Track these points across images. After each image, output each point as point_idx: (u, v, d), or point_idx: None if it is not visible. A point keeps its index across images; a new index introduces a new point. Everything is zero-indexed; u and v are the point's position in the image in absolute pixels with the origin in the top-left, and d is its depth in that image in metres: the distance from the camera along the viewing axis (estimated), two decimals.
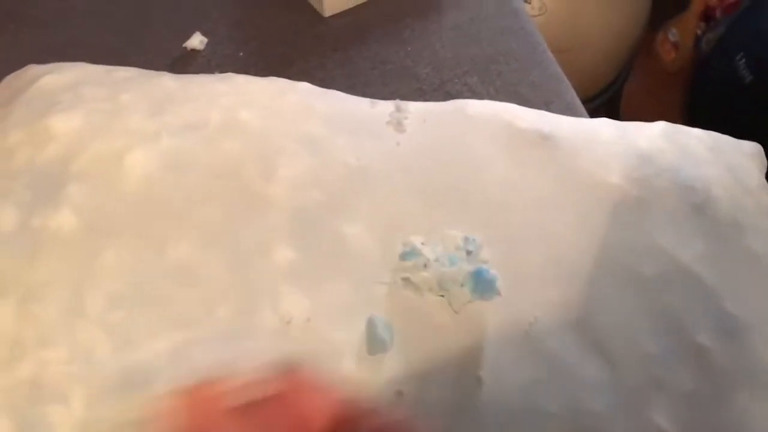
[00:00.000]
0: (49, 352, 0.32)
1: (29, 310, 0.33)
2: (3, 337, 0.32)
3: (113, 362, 0.32)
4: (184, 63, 0.55)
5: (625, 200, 0.39)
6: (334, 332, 0.34)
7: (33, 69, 0.44)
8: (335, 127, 0.42)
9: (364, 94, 0.49)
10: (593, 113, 0.58)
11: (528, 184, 0.40)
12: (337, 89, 0.47)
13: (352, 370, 0.33)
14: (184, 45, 0.56)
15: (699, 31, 1.40)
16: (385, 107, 0.44)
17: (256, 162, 0.39)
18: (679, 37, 1.42)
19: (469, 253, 0.37)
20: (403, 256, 0.36)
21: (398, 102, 0.45)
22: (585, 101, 0.58)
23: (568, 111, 0.55)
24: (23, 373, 0.31)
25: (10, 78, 0.44)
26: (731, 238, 0.39)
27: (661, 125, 0.44)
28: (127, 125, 0.39)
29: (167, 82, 0.43)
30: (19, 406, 0.31)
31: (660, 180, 0.40)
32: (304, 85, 0.45)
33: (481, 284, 0.35)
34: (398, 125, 0.43)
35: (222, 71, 0.52)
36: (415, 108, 0.44)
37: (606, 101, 1.13)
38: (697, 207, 0.40)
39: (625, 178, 0.40)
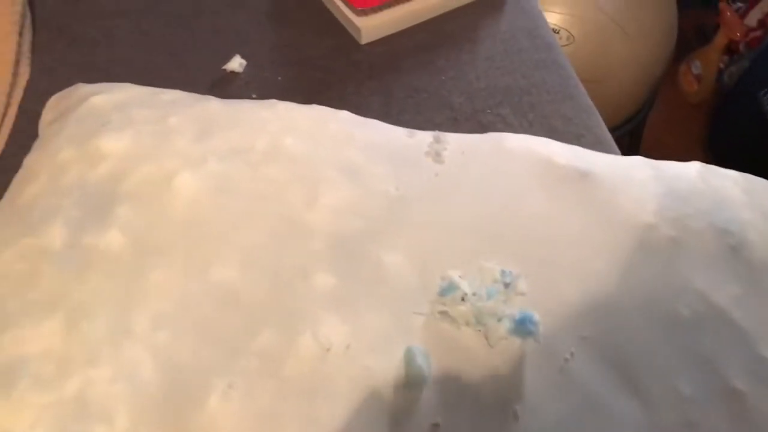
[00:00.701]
0: (95, 371, 0.33)
1: (77, 328, 0.34)
2: (51, 353, 0.33)
3: (157, 382, 0.33)
4: (223, 84, 0.57)
5: (661, 240, 0.40)
6: (372, 360, 0.34)
7: (82, 88, 0.45)
8: (375, 156, 0.43)
9: (398, 122, 0.49)
10: (617, 142, 0.59)
11: (565, 219, 0.41)
12: (372, 116, 0.48)
13: (390, 399, 0.33)
14: (223, 67, 0.57)
15: (722, 65, 1.41)
16: (423, 137, 0.45)
17: (299, 188, 0.40)
18: (702, 69, 1.43)
19: (506, 285, 0.37)
20: (441, 290, 0.37)
21: (437, 133, 0.45)
22: (609, 130, 0.59)
23: (598, 145, 0.56)
24: (69, 391, 0.32)
25: (60, 96, 0.46)
26: (765, 281, 0.39)
27: (696, 166, 0.45)
28: (176, 148, 0.40)
29: (213, 106, 0.44)
30: (64, 423, 0.31)
31: (696, 221, 0.41)
32: (345, 114, 0.45)
33: (523, 331, 0.35)
34: (437, 156, 0.44)
35: (260, 94, 0.53)
36: (453, 139, 0.45)
37: (629, 131, 1.14)
38: (733, 249, 0.40)
39: (661, 218, 0.41)
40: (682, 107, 1.38)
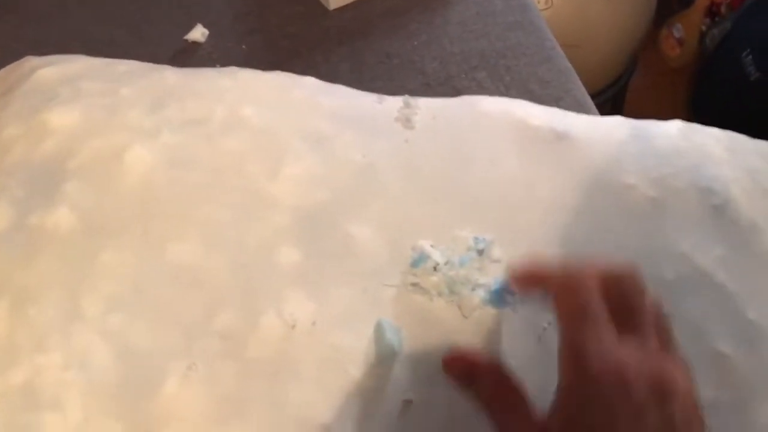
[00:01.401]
0: (44, 358, 0.31)
1: (24, 313, 0.32)
2: None
3: (111, 368, 0.31)
4: (185, 56, 0.54)
5: (642, 201, 0.38)
6: (340, 337, 0.33)
7: (31, 61, 0.43)
8: (341, 123, 0.40)
9: (370, 89, 0.47)
10: (598, 108, 0.57)
11: (542, 183, 0.39)
12: (343, 84, 0.46)
13: (359, 378, 0.32)
14: (185, 37, 0.54)
15: (704, 27, 1.39)
16: (393, 103, 0.43)
17: (261, 160, 0.37)
18: (683, 32, 1.41)
19: (480, 252, 0.35)
20: (413, 261, 0.35)
21: (407, 98, 0.43)
22: (590, 97, 0.57)
23: (578, 107, 0.54)
24: (17, 379, 0.30)
25: (7, 70, 0.43)
26: (751, 241, 0.38)
27: (677, 124, 0.43)
28: (127, 121, 0.38)
29: (169, 76, 0.41)
30: (12, 412, 0.29)
31: (677, 180, 0.39)
32: (310, 80, 0.43)
33: (500, 301, 0.33)
34: (407, 122, 0.42)
35: (224, 64, 0.51)
36: (424, 104, 0.43)
37: (611, 97, 1.12)
38: (716, 209, 0.38)
39: (641, 178, 0.39)
40: (664, 72, 1.36)
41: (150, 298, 0.33)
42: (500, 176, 0.39)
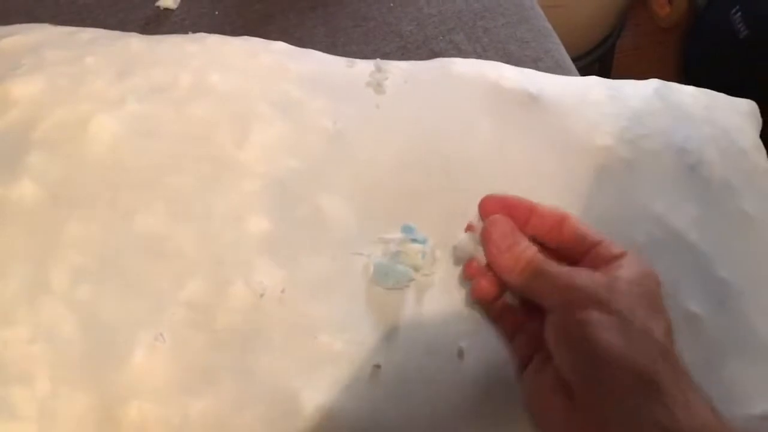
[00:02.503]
0: (10, 331, 0.30)
1: None
2: None
3: (79, 340, 0.31)
4: (156, 23, 0.53)
5: (616, 163, 0.38)
6: (309, 305, 0.33)
7: None
8: (311, 89, 0.40)
9: (345, 53, 0.46)
10: (585, 70, 0.56)
11: (514, 146, 0.38)
12: (318, 48, 0.45)
13: (327, 343, 0.32)
14: (156, 4, 0.53)
15: None
16: (364, 67, 0.42)
17: (228, 127, 0.37)
18: None
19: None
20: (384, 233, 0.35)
21: (378, 61, 0.42)
22: (576, 58, 0.56)
23: (557, 68, 0.53)
24: None
25: None
26: (725, 200, 0.38)
27: (654, 83, 0.42)
28: (92, 90, 0.37)
29: (134, 43, 0.40)
30: None
31: (652, 142, 0.39)
32: (280, 45, 0.42)
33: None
34: (378, 86, 0.41)
35: (196, 31, 0.50)
36: (396, 68, 0.42)
37: (598, 58, 1.11)
38: (690, 169, 0.38)
39: (616, 140, 0.38)
40: (653, 31, 1.35)
41: (117, 268, 0.33)
42: (472, 141, 0.38)
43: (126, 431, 0.29)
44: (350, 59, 0.43)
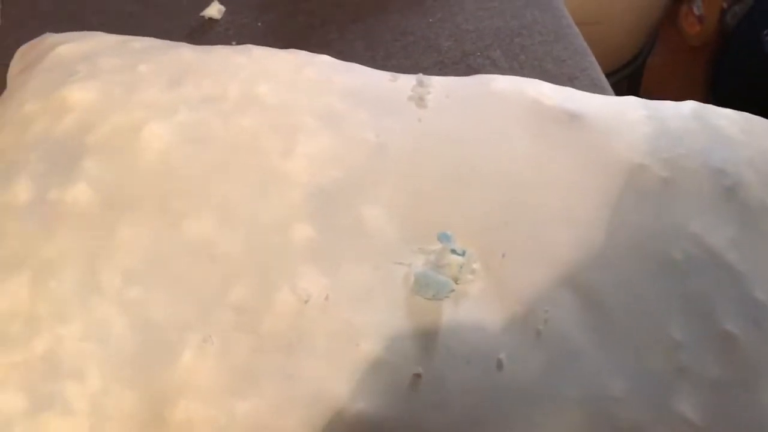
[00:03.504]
0: (64, 328, 0.31)
1: (44, 286, 0.32)
2: (17, 312, 0.32)
3: (129, 339, 0.32)
4: (201, 32, 0.55)
5: (653, 181, 0.38)
6: (352, 313, 0.33)
7: (50, 38, 0.43)
8: (355, 101, 0.41)
9: (384, 67, 0.47)
10: (615, 87, 0.57)
11: (552, 163, 0.39)
12: (357, 61, 0.46)
13: (370, 351, 0.32)
14: (201, 14, 0.55)
15: (725, 4, 1.37)
16: (406, 81, 0.43)
17: (274, 137, 0.38)
18: (704, 9, 1.38)
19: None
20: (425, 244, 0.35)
21: (421, 76, 0.43)
22: (607, 75, 0.57)
23: (593, 87, 0.54)
24: (38, 349, 0.31)
25: (27, 47, 0.44)
26: (762, 223, 0.38)
27: (691, 105, 0.43)
28: (145, 97, 0.38)
29: (185, 53, 0.42)
30: (34, 382, 0.30)
31: (689, 161, 0.39)
32: (325, 58, 0.43)
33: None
34: (420, 100, 0.42)
35: (239, 41, 0.51)
36: (438, 83, 0.43)
37: (628, 75, 1.11)
38: (728, 190, 0.38)
39: (653, 158, 0.39)
40: (683, 50, 1.35)
41: (166, 271, 0.33)
42: (511, 155, 0.39)
43: (174, 430, 0.30)
44: (393, 73, 0.44)
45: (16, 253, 0.33)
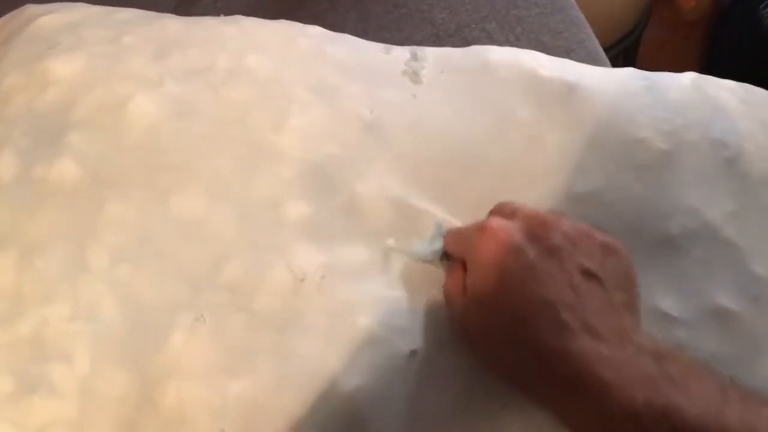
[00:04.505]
0: (51, 309, 0.31)
1: (30, 264, 0.31)
2: (2, 291, 0.31)
3: (118, 318, 0.31)
4: (187, 5, 0.53)
5: (653, 155, 0.37)
6: (347, 291, 0.32)
7: (30, 9, 0.42)
8: (348, 74, 0.40)
9: (376, 39, 0.46)
10: (611, 62, 0.55)
11: (551, 136, 0.38)
12: (350, 34, 0.45)
13: (366, 328, 0.31)
14: None
15: None
16: (400, 54, 0.42)
17: (266, 111, 0.37)
18: None
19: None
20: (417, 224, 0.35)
21: (414, 48, 0.42)
22: (603, 50, 0.56)
23: (590, 59, 0.53)
24: (24, 330, 0.30)
25: (6, 18, 0.42)
26: (762, 196, 0.37)
27: (691, 76, 0.42)
28: (130, 69, 0.37)
29: (171, 24, 0.40)
30: (20, 363, 0.30)
31: (690, 133, 0.38)
32: (316, 29, 0.42)
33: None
34: (414, 75, 0.41)
35: (228, 14, 0.50)
36: (432, 55, 0.41)
37: (623, 50, 1.10)
38: (728, 162, 0.38)
39: (653, 131, 0.38)
40: (678, 25, 1.33)
41: (156, 249, 0.33)
42: (510, 130, 0.38)
43: (166, 412, 0.29)
44: (386, 45, 0.43)
45: (1, 231, 0.32)
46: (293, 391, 0.30)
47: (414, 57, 0.42)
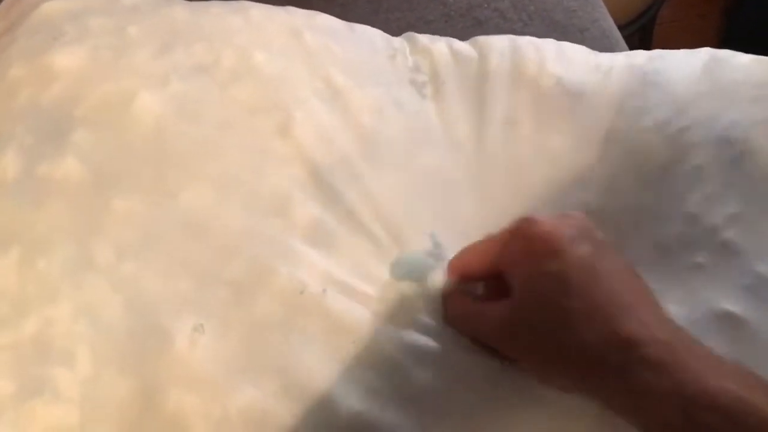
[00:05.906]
0: (54, 309, 0.30)
1: (34, 264, 0.31)
2: (5, 292, 0.30)
3: (122, 318, 0.30)
4: None
5: (655, 159, 0.37)
6: (348, 306, 0.32)
7: None
8: (353, 79, 0.39)
9: (387, 20, 0.45)
10: (627, 40, 0.54)
11: (553, 144, 0.38)
12: (360, 13, 0.44)
13: (368, 338, 0.31)
14: None
15: None
16: (403, 62, 0.41)
17: (271, 113, 0.36)
18: None
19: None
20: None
21: (417, 59, 0.41)
22: (618, 28, 0.54)
23: (604, 38, 0.52)
24: (27, 332, 0.30)
25: (9, 3, 0.41)
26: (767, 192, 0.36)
27: (704, 56, 0.40)
28: (135, 64, 0.36)
29: (178, 12, 0.39)
30: (22, 365, 0.29)
31: (694, 135, 0.37)
32: (322, 21, 0.41)
33: None
34: (420, 86, 0.40)
35: None
36: (436, 64, 0.41)
37: (639, 28, 1.08)
38: (733, 161, 0.36)
39: (655, 134, 0.37)
40: (694, 3, 1.31)
41: (161, 247, 0.32)
42: (513, 137, 0.38)
43: (166, 420, 0.28)
44: (391, 45, 0.42)
45: (4, 230, 0.32)
46: (293, 404, 0.29)
47: (416, 68, 0.41)
